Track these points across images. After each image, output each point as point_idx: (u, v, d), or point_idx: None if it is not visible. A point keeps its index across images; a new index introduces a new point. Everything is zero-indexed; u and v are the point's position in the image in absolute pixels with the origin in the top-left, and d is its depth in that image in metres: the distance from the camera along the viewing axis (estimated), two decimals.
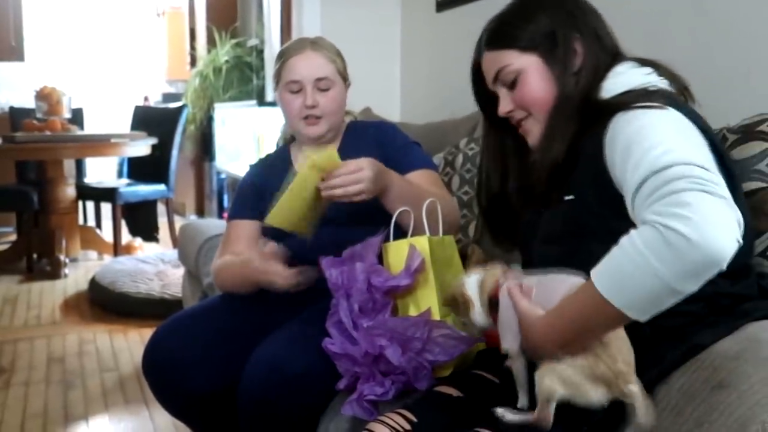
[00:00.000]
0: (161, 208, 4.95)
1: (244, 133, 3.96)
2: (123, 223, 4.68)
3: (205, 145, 5.33)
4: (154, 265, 3.84)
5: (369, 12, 3.15)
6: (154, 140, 4.49)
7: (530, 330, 0.98)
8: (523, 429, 0.98)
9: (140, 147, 4.44)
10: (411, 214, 1.41)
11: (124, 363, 2.85)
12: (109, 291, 3.51)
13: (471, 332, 1.16)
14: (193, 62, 5.80)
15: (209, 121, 4.98)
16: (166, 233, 4.82)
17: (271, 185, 1.62)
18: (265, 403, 1.34)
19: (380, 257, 1.37)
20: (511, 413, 1.01)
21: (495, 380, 1.18)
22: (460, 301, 1.10)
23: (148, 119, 4.88)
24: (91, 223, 5.28)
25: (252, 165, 1.84)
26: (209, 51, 5.20)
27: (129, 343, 3.08)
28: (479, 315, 1.09)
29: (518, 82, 1.14)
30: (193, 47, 5.95)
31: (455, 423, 1.08)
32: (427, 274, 1.33)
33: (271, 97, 4.11)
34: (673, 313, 0.87)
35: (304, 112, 1.64)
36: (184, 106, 4.85)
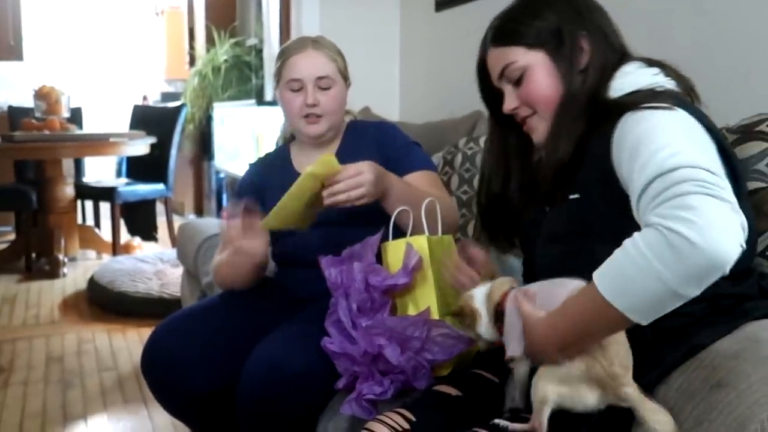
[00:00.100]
0: (160, 208, 4.95)
1: (243, 133, 3.97)
2: (122, 223, 4.68)
3: (204, 145, 5.32)
4: (153, 265, 3.84)
5: (368, 11, 3.15)
6: (152, 139, 4.49)
7: (532, 332, 0.98)
8: None
9: (139, 146, 4.44)
10: (410, 214, 1.41)
11: (122, 362, 2.84)
12: (108, 290, 3.51)
13: (481, 346, 1.15)
14: (192, 61, 5.80)
15: (208, 120, 4.98)
16: (164, 233, 4.82)
17: (271, 184, 1.62)
18: (265, 402, 1.34)
19: (379, 257, 1.38)
20: (511, 423, 1.00)
21: (494, 380, 1.18)
22: (467, 313, 1.10)
23: (146, 118, 4.88)
24: (89, 223, 5.27)
25: (251, 164, 1.84)
26: (208, 50, 5.20)
27: (128, 342, 3.08)
28: (485, 327, 1.09)
29: (524, 79, 1.13)
30: (192, 46, 5.94)
31: (454, 422, 1.08)
32: (425, 273, 1.33)
33: (270, 96, 4.12)
34: (675, 314, 0.86)
35: (305, 111, 1.64)
36: (182, 106, 4.85)
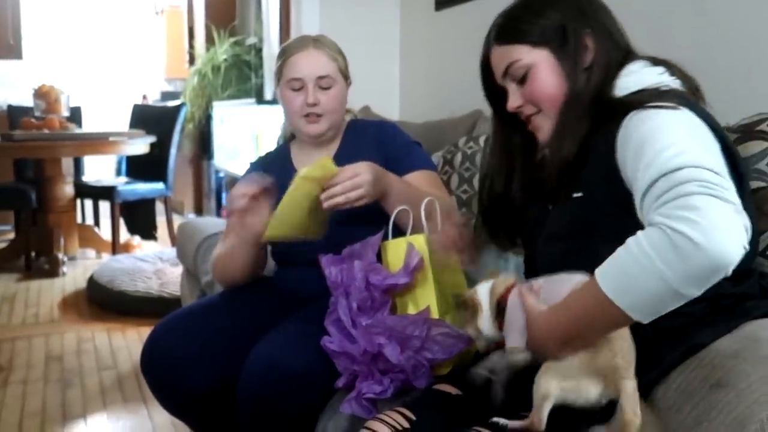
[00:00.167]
0: (160, 207, 4.95)
1: (243, 132, 3.97)
2: (121, 222, 4.68)
3: (204, 144, 5.32)
4: (153, 264, 3.83)
5: (368, 10, 3.15)
6: (152, 138, 4.49)
7: (534, 325, 0.98)
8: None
9: (139, 145, 4.44)
10: (410, 214, 1.41)
11: (122, 361, 2.84)
12: (108, 289, 3.50)
13: (480, 346, 1.14)
14: (192, 60, 5.80)
15: (208, 119, 4.98)
16: (164, 232, 4.82)
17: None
18: (264, 401, 1.34)
19: (379, 256, 1.38)
20: (510, 420, 1.00)
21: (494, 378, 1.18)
22: (469, 304, 1.10)
23: (146, 117, 4.88)
24: (89, 222, 5.27)
25: (252, 162, 1.84)
26: (208, 49, 5.19)
27: (127, 341, 3.08)
28: (486, 321, 1.08)
29: (528, 78, 1.13)
30: (192, 45, 5.94)
31: (454, 421, 1.08)
32: (425, 272, 1.33)
33: (269, 95, 4.12)
34: (675, 314, 0.86)
35: (305, 110, 1.64)
36: (182, 105, 4.85)
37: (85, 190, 4.74)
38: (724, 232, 0.79)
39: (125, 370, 2.74)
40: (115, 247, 4.44)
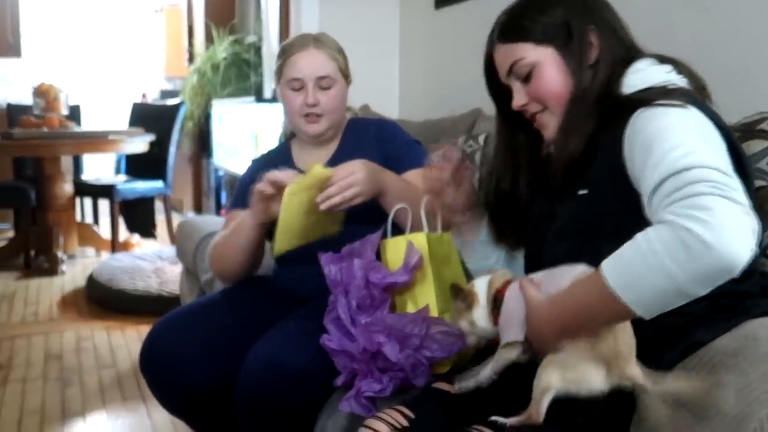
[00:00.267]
0: (159, 205, 4.95)
1: (242, 130, 3.96)
2: (121, 220, 4.68)
3: (203, 142, 5.32)
4: (152, 262, 3.83)
5: (367, 9, 3.14)
6: (151, 137, 4.49)
7: (534, 315, 0.98)
8: (525, 428, 0.97)
9: (138, 144, 4.44)
10: (408, 212, 1.41)
11: (121, 360, 2.84)
12: (107, 288, 3.50)
13: (470, 341, 1.14)
14: (191, 59, 5.79)
15: (207, 117, 4.97)
16: (163, 230, 4.82)
17: None
18: (263, 400, 1.34)
19: (378, 254, 1.38)
20: (508, 417, 1.00)
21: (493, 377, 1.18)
22: (466, 293, 1.09)
23: (145, 116, 4.88)
24: (88, 220, 5.27)
25: (254, 160, 1.85)
26: (207, 48, 5.19)
27: (126, 340, 3.08)
28: (481, 313, 1.08)
29: (533, 76, 1.12)
30: (191, 44, 5.93)
31: (453, 420, 1.08)
32: (425, 270, 1.33)
33: (268, 93, 4.11)
34: (675, 313, 0.87)
35: (305, 110, 1.64)
36: (181, 103, 4.84)
37: (84, 189, 4.74)
38: (734, 234, 0.79)
39: (124, 369, 2.74)
40: (115, 246, 4.44)
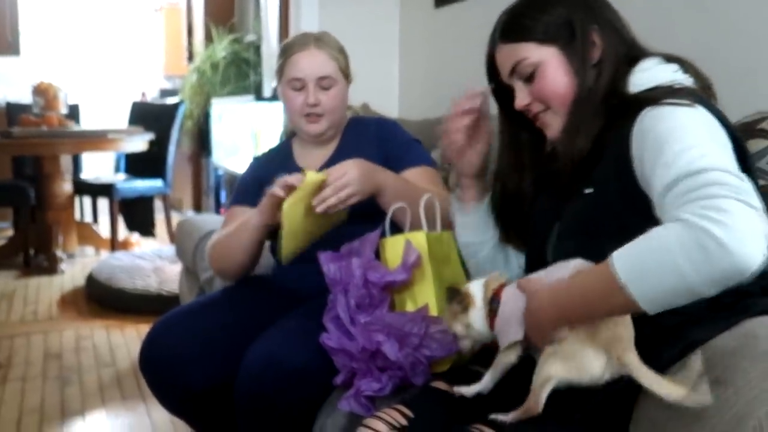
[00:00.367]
0: (158, 204, 4.95)
1: (242, 129, 3.96)
2: (120, 219, 4.67)
3: (203, 141, 5.31)
4: (151, 261, 3.83)
5: (367, 8, 3.14)
6: (151, 136, 4.48)
7: (534, 301, 0.97)
8: (523, 422, 0.97)
9: (137, 142, 4.43)
10: (408, 211, 1.41)
11: (121, 359, 2.84)
12: (106, 287, 3.50)
13: (464, 345, 1.13)
14: (191, 58, 5.79)
15: (206, 116, 4.96)
16: (163, 229, 4.82)
17: (273, 178, 1.61)
18: (262, 398, 1.34)
19: (377, 253, 1.37)
20: (506, 414, 1.00)
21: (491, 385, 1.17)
22: (462, 295, 1.09)
23: (145, 115, 4.87)
24: (88, 219, 5.27)
25: (255, 158, 1.85)
26: (206, 47, 5.18)
27: (126, 338, 3.08)
28: (478, 315, 1.08)
29: (536, 76, 1.12)
30: (191, 43, 5.92)
31: (452, 419, 1.08)
32: (424, 269, 1.33)
33: (268, 92, 4.11)
34: (675, 312, 0.86)
35: (306, 110, 1.64)
36: (181, 102, 4.84)
37: (83, 188, 4.74)
38: (750, 238, 0.79)
39: (124, 368, 2.74)
40: (114, 245, 4.44)
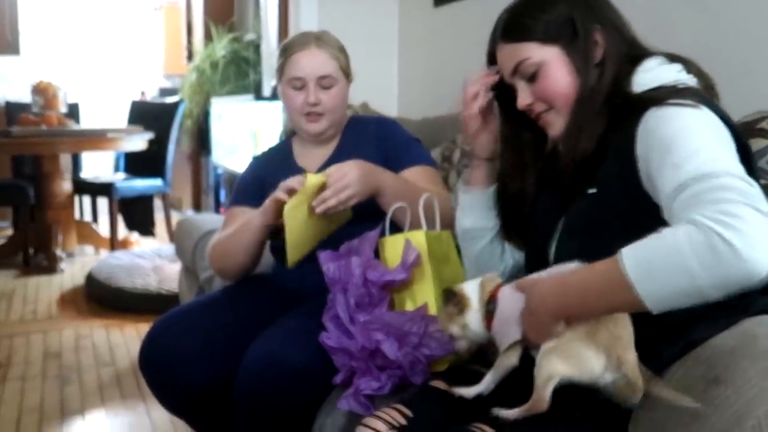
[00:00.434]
0: (158, 203, 4.95)
1: (241, 128, 3.96)
2: (120, 218, 4.67)
3: (202, 140, 5.31)
4: (151, 260, 3.83)
5: (366, 7, 3.14)
6: (150, 135, 4.48)
7: (536, 291, 0.96)
8: (522, 421, 0.97)
9: (137, 142, 4.43)
10: (407, 211, 1.41)
11: (120, 358, 2.84)
12: (106, 286, 3.50)
13: (460, 346, 1.12)
14: (190, 57, 5.78)
15: (206, 115, 4.96)
16: (162, 228, 4.82)
17: (273, 178, 1.61)
18: (262, 397, 1.34)
19: (377, 252, 1.38)
20: (509, 410, 0.99)
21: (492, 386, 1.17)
22: (458, 297, 1.08)
23: (144, 114, 4.87)
24: (87, 218, 5.27)
25: (254, 157, 1.84)
26: (206, 46, 5.18)
27: (125, 338, 3.08)
28: (474, 316, 1.07)
29: (539, 75, 1.11)
30: (190, 42, 5.92)
31: (451, 418, 1.08)
32: (423, 268, 1.33)
33: (267, 92, 4.11)
34: (676, 310, 0.86)
35: (306, 109, 1.64)
36: (180, 101, 4.84)
37: (83, 187, 4.74)
38: (762, 244, 0.79)
39: (123, 367, 2.74)
40: (114, 244, 4.43)
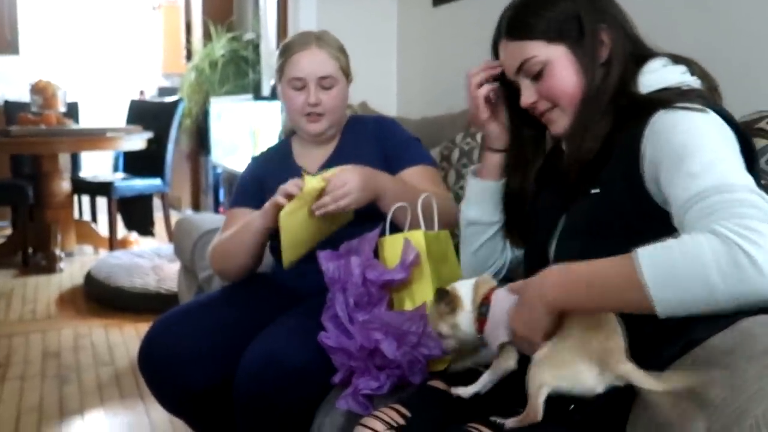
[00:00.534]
0: (157, 203, 4.95)
1: (240, 128, 3.95)
2: (119, 218, 4.67)
3: (201, 140, 5.31)
4: (150, 260, 3.83)
5: (365, 6, 3.14)
6: (149, 134, 4.48)
7: (539, 278, 0.95)
8: (522, 429, 0.97)
9: (136, 141, 4.43)
10: (407, 211, 1.42)
11: (119, 357, 2.84)
12: (105, 285, 3.50)
13: (447, 345, 1.11)
14: (189, 56, 5.78)
15: (205, 115, 4.96)
16: (161, 228, 4.82)
17: (272, 178, 1.61)
18: (261, 397, 1.34)
19: (376, 252, 1.38)
20: (508, 419, 0.99)
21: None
22: (451, 296, 1.08)
23: (143, 113, 4.87)
24: (86, 218, 5.27)
25: (254, 157, 1.84)
26: (205, 45, 5.18)
27: (124, 337, 3.08)
28: (466, 317, 1.07)
29: (545, 74, 1.10)
30: (189, 41, 5.92)
31: (449, 418, 1.08)
32: (422, 268, 1.33)
33: (266, 91, 4.10)
34: None
35: (307, 110, 1.64)
36: (179, 100, 4.83)
37: (82, 186, 4.74)
38: None
39: (122, 367, 2.74)
40: (113, 243, 4.43)
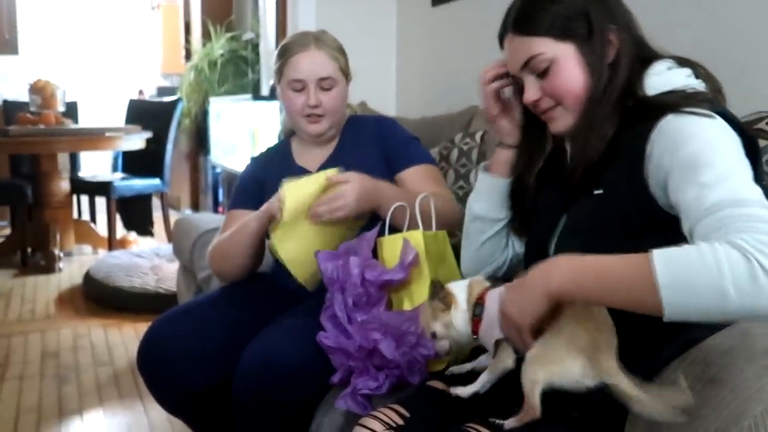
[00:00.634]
0: (156, 203, 4.94)
1: (240, 127, 3.95)
2: (118, 218, 4.67)
3: (200, 139, 5.31)
4: (149, 260, 3.83)
5: (365, 6, 3.14)
6: (148, 134, 4.48)
7: (547, 263, 0.94)
8: (521, 428, 0.97)
9: (135, 141, 4.43)
10: (407, 211, 1.42)
11: (118, 357, 2.84)
12: (104, 285, 3.50)
13: (441, 347, 1.11)
14: (188, 56, 5.78)
15: (204, 115, 4.96)
16: (161, 227, 4.81)
17: (272, 178, 1.61)
18: (260, 397, 1.34)
19: (375, 252, 1.38)
20: (506, 419, 0.99)
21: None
22: (446, 294, 1.08)
23: (142, 113, 4.87)
24: (85, 217, 5.26)
25: (253, 158, 1.84)
26: (204, 45, 5.18)
27: (124, 337, 3.08)
28: (461, 316, 1.07)
29: (551, 72, 1.09)
30: (188, 41, 5.92)
31: (448, 418, 1.08)
32: (421, 268, 1.33)
33: (266, 91, 4.10)
34: None
35: (307, 111, 1.64)
36: (179, 100, 4.83)
37: (81, 186, 4.73)
38: None
39: (121, 367, 2.74)
40: (112, 243, 4.43)
